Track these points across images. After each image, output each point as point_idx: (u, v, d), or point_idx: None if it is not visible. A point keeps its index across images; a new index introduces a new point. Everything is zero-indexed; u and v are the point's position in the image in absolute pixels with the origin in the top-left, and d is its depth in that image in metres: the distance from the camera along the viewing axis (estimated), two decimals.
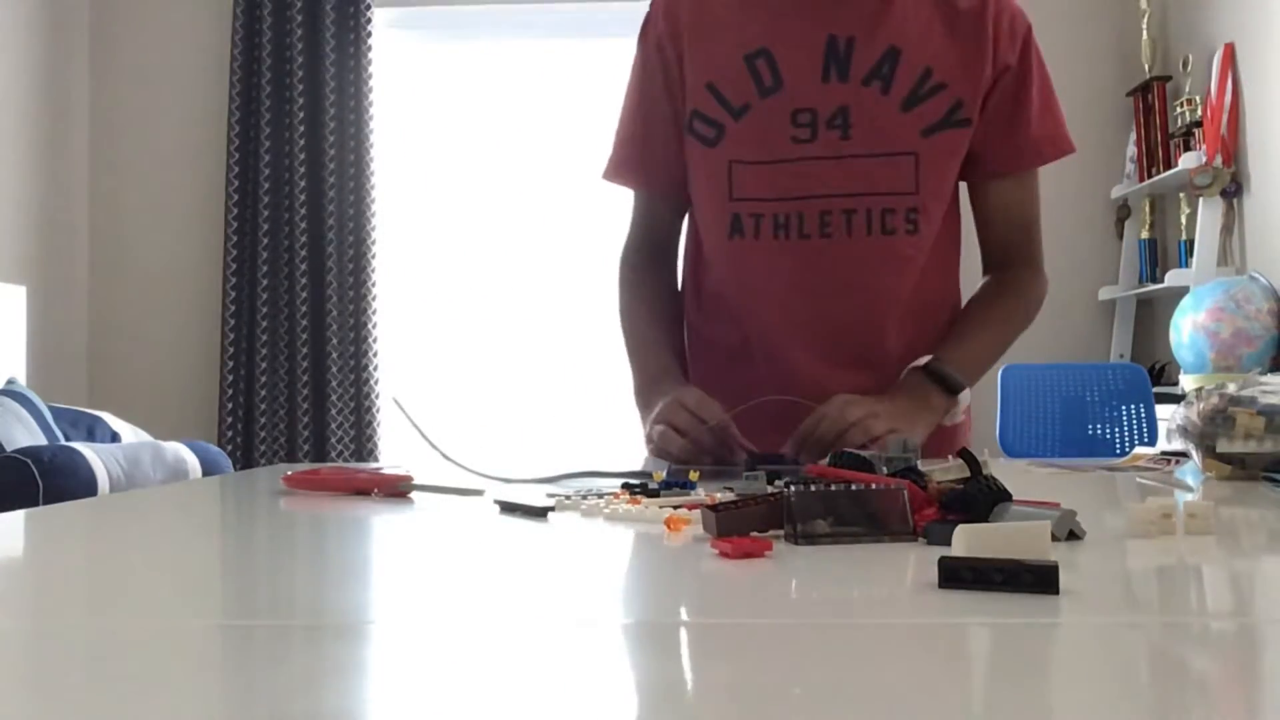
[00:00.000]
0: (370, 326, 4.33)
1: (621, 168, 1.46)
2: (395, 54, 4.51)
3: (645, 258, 1.49)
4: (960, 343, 1.35)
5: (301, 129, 4.31)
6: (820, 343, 1.34)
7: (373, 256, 4.33)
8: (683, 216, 1.48)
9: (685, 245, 1.50)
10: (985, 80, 1.33)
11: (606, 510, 0.81)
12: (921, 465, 0.81)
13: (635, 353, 1.44)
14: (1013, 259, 1.43)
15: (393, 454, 4.36)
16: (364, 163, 4.34)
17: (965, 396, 1.33)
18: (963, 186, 1.42)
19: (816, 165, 1.31)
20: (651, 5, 1.43)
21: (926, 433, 1.28)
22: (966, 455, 0.76)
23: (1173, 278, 3.75)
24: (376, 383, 4.34)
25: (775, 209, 1.33)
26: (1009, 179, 1.40)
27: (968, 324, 1.40)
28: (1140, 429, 3.39)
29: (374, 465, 1.30)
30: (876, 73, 1.31)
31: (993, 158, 1.38)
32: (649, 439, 1.30)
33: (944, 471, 0.75)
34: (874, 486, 0.70)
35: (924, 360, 1.30)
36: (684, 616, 0.49)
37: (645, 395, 1.36)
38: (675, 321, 1.47)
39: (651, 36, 1.41)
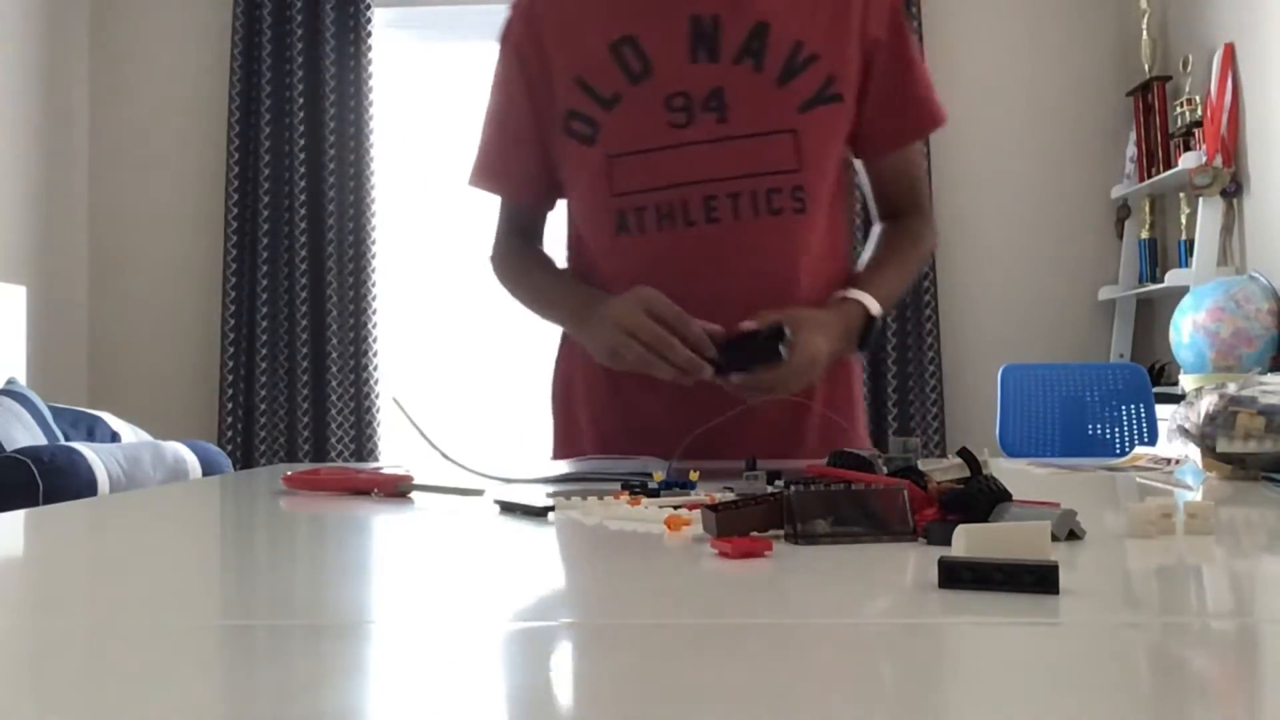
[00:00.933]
0: (370, 326, 4.33)
1: (484, 175, 1.44)
2: (395, 54, 4.51)
3: (516, 242, 1.48)
4: (882, 287, 1.34)
5: (301, 129, 4.32)
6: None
7: (373, 256, 4.33)
8: (546, 217, 1.48)
9: (566, 253, 1.47)
10: (854, 54, 1.32)
11: (606, 510, 0.81)
12: (921, 465, 0.81)
13: (548, 301, 1.41)
14: (906, 210, 1.46)
15: (393, 454, 4.36)
16: (364, 162, 4.34)
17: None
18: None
19: (696, 150, 1.29)
20: (510, 8, 1.40)
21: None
22: (966, 455, 0.76)
23: (1173, 277, 3.75)
24: (376, 383, 4.34)
25: (658, 199, 1.30)
26: (900, 151, 1.43)
27: (882, 270, 1.39)
28: (1140, 429, 3.39)
29: (374, 465, 1.31)
30: (747, 49, 1.29)
31: (885, 136, 1.39)
32: (608, 350, 1.23)
33: (944, 471, 0.75)
34: (874, 486, 0.70)
35: (876, 309, 1.29)
36: (684, 617, 0.49)
37: (583, 321, 1.31)
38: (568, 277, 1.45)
39: (511, 40, 1.38)
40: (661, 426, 1.25)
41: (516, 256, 1.47)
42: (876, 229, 1.46)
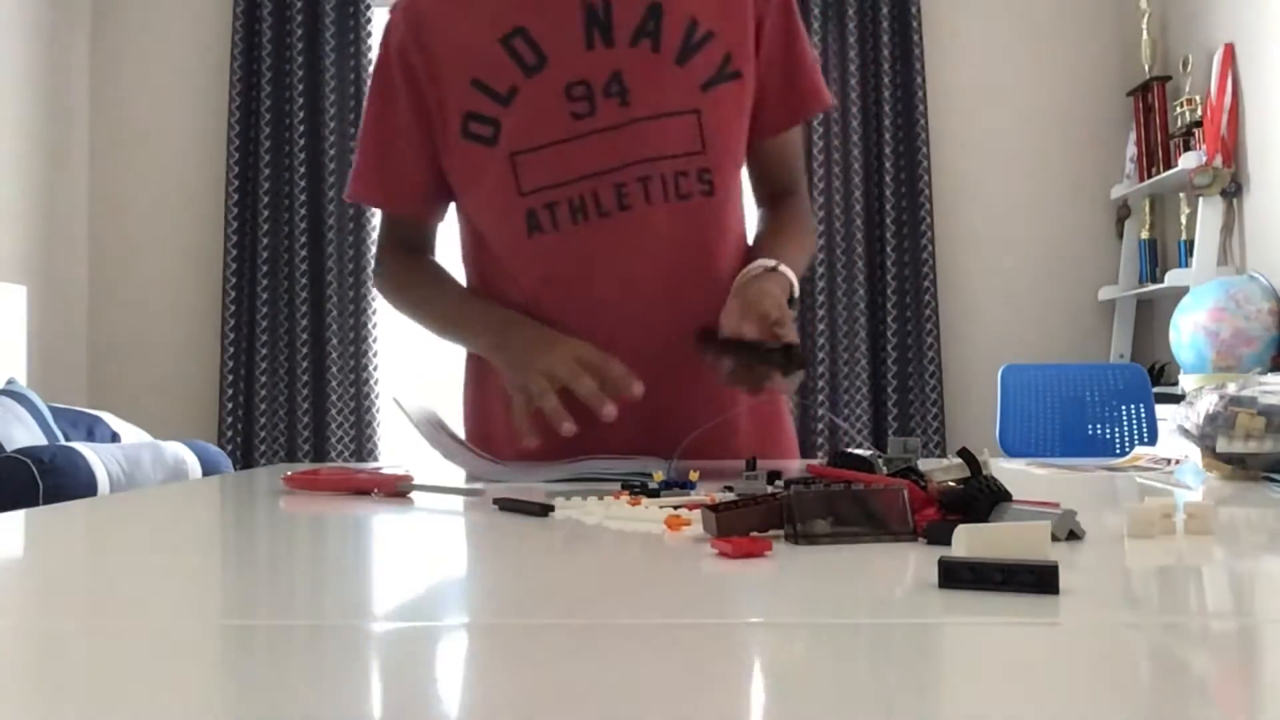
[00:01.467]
0: (370, 326, 4.33)
1: (364, 187, 1.39)
2: None
3: (404, 256, 1.42)
4: (794, 265, 1.29)
5: (301, 129, 4.32)
6: (637, 325, 1.27)
7: (373, 256, 4.33)
8: (433, 228, 1.42)
9: (465, 266, 1.41)
10: (748, 32, 1.30)
11: (606, 510, 0.81)
12: (921, 465, 0.81)
13: (454, 321, 1.36)
14: (785, 193, 1.43)
15: (392, 454, 4.36)
16: None
17: None
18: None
19: (601, 138, 1.24)
20: (391, 11, 1.34)
21: None
22: (966, 455, 0.76)
23: (1173, 278, 3.75)
24: (376, 383, 4.34)
25: (568, 193, 1.25)
26: (785, 133, 1.40)
27: (789, 249, 1.33)
28: (1140, 429, 3.39)
29: (374, 465, 1.30)
30: (643, 30, 1.25)
31: (774, 116, 1.36)
32: (521, 389, 1.17)
33: (944, 471, 0.75)
34: (874, 487, 0.70)
35: (796, 289, 1.25)
36: (684, 616, 0.49)
37: (501, 347, 1.26)
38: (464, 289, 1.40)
39: (394, 44, 1.32)
40: (586, 436, 1.20)
41: (407, 272, 1.40)
42: (760, 211, 1.43)
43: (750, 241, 1.39)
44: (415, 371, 4.44)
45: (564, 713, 0.34)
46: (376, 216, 4.34)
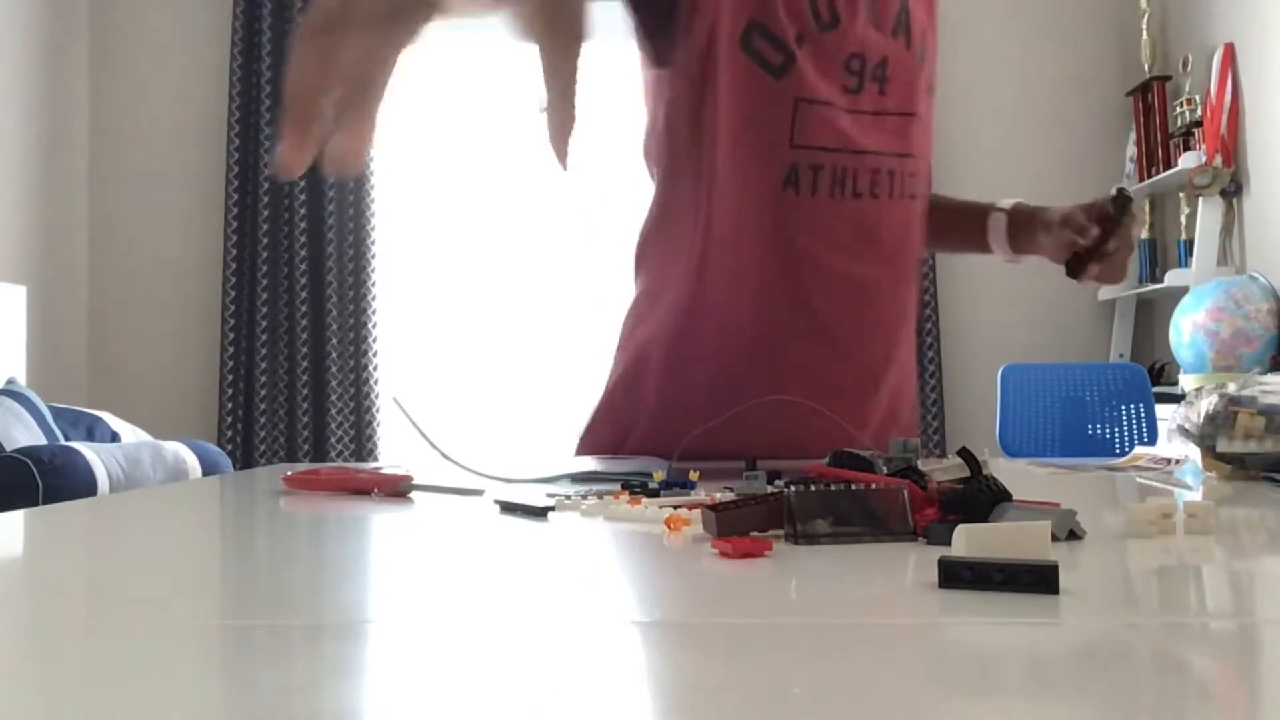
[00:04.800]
0: (370, 326, 4.33)
1: None
2: None
3: None
4: None
5: None
6: (856, 309, 1.25)
7: (372, 256, 4.34)
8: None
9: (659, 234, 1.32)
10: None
11: (606, 510, 0.81)
12: (921, 465, 0.81)
13: None
14: None
15: (392, 454, 4.36)
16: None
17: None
18: None
19: (863, 119, 1.21)
20: None
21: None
22: (966, 455, 0.76)
23: (1172, 277, 3.75)
24: (376, 383, 4.34)
25: (835, 161, 1.20)
26: None
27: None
28: (1140, 429, 3.39)
29: (374, 465, 1.30)
30: (899, 24, 1.23)
31: None
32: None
33: (944, 471, 0.75)
34: (874, 486, 0.70)
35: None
36: (684, 616, 0.49)
37: None
38: None
39: None
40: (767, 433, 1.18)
41: None
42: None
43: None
44: (415, 371, 4.44)
45: (561, 712, 0.34)
46: (376, 216, 4.36)
